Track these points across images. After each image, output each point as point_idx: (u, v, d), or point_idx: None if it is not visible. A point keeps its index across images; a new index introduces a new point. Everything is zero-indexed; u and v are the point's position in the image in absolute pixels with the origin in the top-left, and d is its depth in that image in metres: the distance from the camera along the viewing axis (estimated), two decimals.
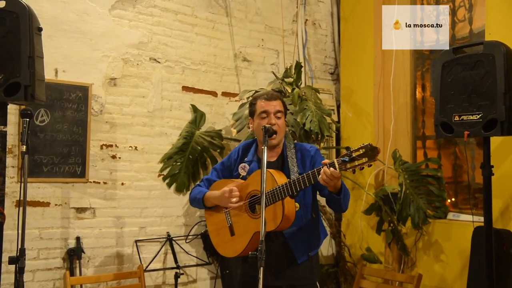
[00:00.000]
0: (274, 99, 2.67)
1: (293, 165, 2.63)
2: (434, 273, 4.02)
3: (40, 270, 3.50)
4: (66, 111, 3.63)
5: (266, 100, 2.66)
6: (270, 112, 2.62)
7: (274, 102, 2.65)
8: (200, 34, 4.33)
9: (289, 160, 2.65)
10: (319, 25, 5.15)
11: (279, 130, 2.62)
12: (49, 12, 3.57)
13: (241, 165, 2.73)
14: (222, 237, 2.72)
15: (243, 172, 2.71)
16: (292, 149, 2.71)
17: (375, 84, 4.62)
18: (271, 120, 2.61)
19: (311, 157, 2.68)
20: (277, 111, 2.64)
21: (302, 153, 2.70)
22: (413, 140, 4.53)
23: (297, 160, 2.66)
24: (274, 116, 2.62)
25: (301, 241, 2.62)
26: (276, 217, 2.46)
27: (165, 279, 4.02)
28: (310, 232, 2.68)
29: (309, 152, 2.70)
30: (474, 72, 2.94)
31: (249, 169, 2.70)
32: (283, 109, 2.69)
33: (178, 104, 4.18)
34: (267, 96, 2.69)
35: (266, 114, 2.63)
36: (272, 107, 2.63)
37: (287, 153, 2.69)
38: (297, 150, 2.71)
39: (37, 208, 3.50)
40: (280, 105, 2.67)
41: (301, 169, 2.62)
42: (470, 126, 2.93)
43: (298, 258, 2.61)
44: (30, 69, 2.61)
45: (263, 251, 2.13)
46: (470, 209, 3.60)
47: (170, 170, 3.98)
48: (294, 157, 2.66)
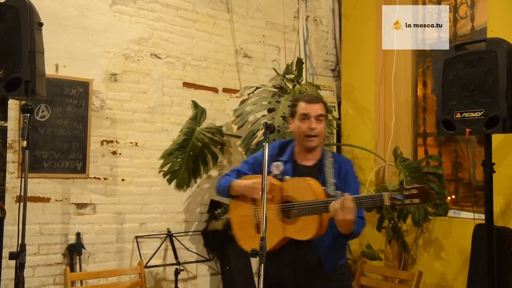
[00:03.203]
0: (316, 102, 2.66)
1: (330, 176, 2.59)
2: (435, 271, 4.02)
3: (41, 265, 3.50)
4: (66, 107, 3.62)
5: (307, 102, 2.65)
6: (311, 115, 2.61)
7: (316, 105, 2.64)
8: (201, 30, 4.32)
9: (326, 170, 2.61)
10: (320, 21, 5.14)
11: (319, 134, 2.61)
12: (50, 7, 3.56)
13: (276, 164, 2.66)
14: (246, 231, 2.69)
15: (276, 171, 2.64)
16: (330, 157, 2.67)
17: (376, 81, 4.62)
18: (312, 124, 2.59)
19: (346, 172, 2.64)
20: (318, 115, 2.62)
21: (339, 165, 2.66)
22: (414, 137, 4.53)
23: (335, 171, 2.62)
24: (315, 119, 2.61)
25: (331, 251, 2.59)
26: (311, 228, 2.45)
27: (165, 275, 4.03)
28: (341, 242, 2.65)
29: (346, 166, 2.67)
30: (476, 69, 2.93)
31: (283, 169, 2.64)
32: (325, 112, 2.68)
33: (179, 100, 4.18)
34: (309, 98, 2.68)
35: (307, 117, 2.61)
36: (314, 111, 2.61)
37: (325, 161, 2.65)
38: (335, 160, 2.67)
39: (37, 204, 3.50)
40: (322, 108, 2.65)
41: (337, 182, 2.59)
42: (471, 123, 2.92)
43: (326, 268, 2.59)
44: (30, 65, 2.60)
45: (264, 247, 2.14)
46: (471, 207, 3.60)
47: (171, 167, 3.97)
48: (331, 167, 2.62)
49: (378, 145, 4.57)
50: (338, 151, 4.93)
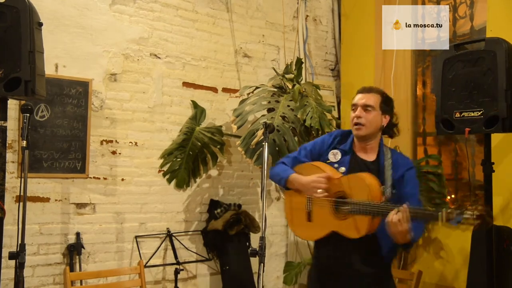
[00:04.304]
0: (367, 92, 2.63)
1: (388, 176, 2.51)
2: (434, 270, 4.02)
3: (40, 265, 3.50)
4: (66, 107, 3.62)
5: (359, 92, 2.65)
6: (358, 104, 2.60)
7: (367, 95, 2.61)
8: (201, 30, 4.32)
9: (386, 169, 2.54)
10: (320, 21, 5.14)
11: (365, 123, 2.56)
12: (49, 7, 3.56)
13: (333, 151, 2.64)
14: (298, 218, 2.67)
15: (333, 159, 2.62)
16: (389, 155, 2.60)
17: (376, 81, 4.61)
18: (357, 113, 2.58)
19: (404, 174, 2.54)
20: (364, 104, 2.58)
21: (398, 165, 2.56)
22: (413, 137, 4.53)
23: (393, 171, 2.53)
24: (361, 108, 2.58)
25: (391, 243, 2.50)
26: (361, 228, 2.41)
27: (165, 275, 4.03)
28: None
29: (405, 167, 2.56)
30: (475, 68, 2.94)
31: (340, 158, 2.62)
32: (375, 103, 2.59)
33: (179, 100, 4.18)
34: (363, 89, 2.66)
35: (355, 107, 2.61)
36: (359, 100, 2.60)
37: (384, 158, 2.58)
38: (395, 159, 2.59)
39: (37, 204, 3.50)
40: (370, 98, 2.59)
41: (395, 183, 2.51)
42: (471, 123, 2.92)
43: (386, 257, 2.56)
44: (30, 64, 2.61)
45: (263, 247, 2.15)
46: (471, 206, 3.59)
47: (170, 166, 3.97)
48: (390, 166, 2.55)
49: None
50: None
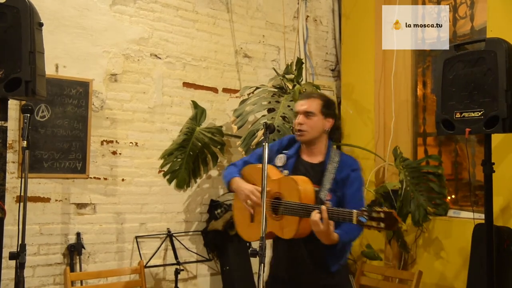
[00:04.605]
0: (306, 98, 2.71)
1: (328, 179, 2.56)
2: (434, 270, 4.02)
3: (41, 265, 3.50)
4: (66, 107, 3.62)
5: (300, 99, 2.75)
6: (299, 112, 2.68)
7: (306, 101, 2.68)
8: (201, 30, 4.32)
9: (327, 172, 2.59)
10: (320, 21, 5.14)
11: (307, 129, 2.62)
12: (50, 7, 3.56)
13: (279, 156, 2.73)
14: (243, 219, 2.75)
15: (279, 163, 2.71)
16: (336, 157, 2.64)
17: (376, 81, 4.62)
18: (299, 120, 2.65)
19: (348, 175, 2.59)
20: (305, 111, 2.64)
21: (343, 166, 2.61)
22: (413, 137, 4.53)
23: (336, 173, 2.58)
24: (302, 116, 2.65)
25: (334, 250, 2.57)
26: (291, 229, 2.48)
27: (165, 275, 4.03)
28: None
29: (349, 168, 2.61)
30: (475, 69, 2.93)
31: (286, 162, 2.70)
32: (315, 109, 2.65)
33: (179, 100, 4.18)
34: (302, 96, 2.78)
35: (297, 114, 2.69)
36: (300, 107, 2.68)
37: (329, 161, 2.63)
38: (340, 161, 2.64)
39: (37, 204, 3.50)
40: (310, 104, 2.65)
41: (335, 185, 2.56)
42: (471, 123, 2.92)
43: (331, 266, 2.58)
44: (31, 65, 2.60)
45: (264, 247, 2.15)
46: (471, 206, 3.60)
47: (171, 166, 3.97)
48: (333, 169, 2.59)
49: (378, 145, 4.58)
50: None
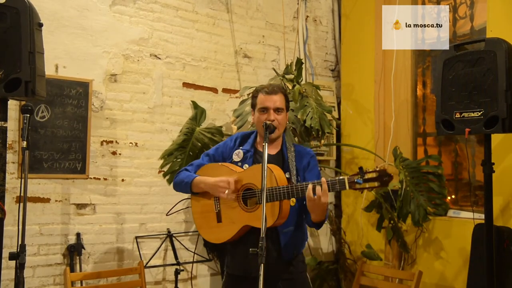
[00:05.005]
0: (274, 93, 2.63)
1: (292, 164, 2.62)
2: (434, 270, 4.02)
3: (40, 266, 3.50)
4: (66, 107, 3.62)
5: (266, 94, 2.62)
6: (270, 108, 2.60)
7: (274, 97, 2.62)
8: (201, 31, 4.32)
9: (289, 157, 2.65)
10: (320, 21, 5.14)
11: (278, 125, 2.60)
12: (49, 7, 3.56)
13: (236, 151, 2.70)
14: (207, 221, 2.68)
15: (237, 158, 2.68)
16: (292, 148, 2.71)
17: (376, 81, 4.62)
18: (270, 116, 2.58)
19: (308, 162, 2.67)
20: (276, 108, 2.61)
21: (301, 155, 2.69)
22: (413, 137, 4.53)
23: (297, 161, 2.65)
24: (273, 112, 2.60)
25: (291, 240, 2.61)
26: (273, 215, 2.46)
27: (165, 276, 4.03)
28: (301, 232, 2.68)
29: (308, 156, 2.70)
30: (475, 69, 2.94)
31: (243, 156, 2.67)
32: (283, 105, 2.66)
33: (179, 101, 4.18)
34: (268, 90, 2.64)
35: (266, 110, 2.61)
36: (272, 103, 2.60)
37: (287, 150, 2.68)
38: (297, 151, 2.71)
39: (37, 204, 3.50)
40: (280, 100, 2.63)
41: (300, 172, 2.63)
42: (471, 123, 2.92)
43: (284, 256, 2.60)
44: (30, 65, 2.60)
45: (264, 248, 2.12)
46: (471, 206, 3.60)
47: (171, 167, 3.96)
48: (293, 157, 2.65)
49: (377, 145, 4.58)
50: (338, 151, 4.94)
